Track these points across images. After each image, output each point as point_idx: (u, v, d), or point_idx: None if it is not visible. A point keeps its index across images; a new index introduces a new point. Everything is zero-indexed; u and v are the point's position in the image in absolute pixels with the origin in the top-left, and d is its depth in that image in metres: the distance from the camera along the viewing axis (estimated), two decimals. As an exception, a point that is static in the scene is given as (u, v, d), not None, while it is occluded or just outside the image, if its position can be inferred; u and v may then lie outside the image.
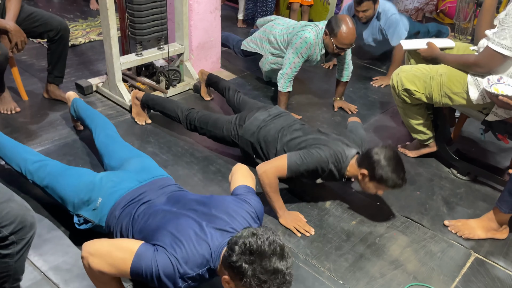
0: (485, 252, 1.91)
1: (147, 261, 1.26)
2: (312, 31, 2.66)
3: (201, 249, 1.29)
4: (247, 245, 1.14)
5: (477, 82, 2.07)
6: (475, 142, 2.76)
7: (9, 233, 1.17)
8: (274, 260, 1.13)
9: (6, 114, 2.55)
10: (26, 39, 2.36)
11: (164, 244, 1.30)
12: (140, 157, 1.87)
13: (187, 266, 1.26)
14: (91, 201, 1.61)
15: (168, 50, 2.84)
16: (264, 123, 2.16)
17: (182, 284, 1.28)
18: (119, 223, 1.53)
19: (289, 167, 1.85)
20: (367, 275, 1.75)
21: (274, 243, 1.15)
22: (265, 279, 1.12)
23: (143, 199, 1.56)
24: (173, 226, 1.35)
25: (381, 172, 1.82)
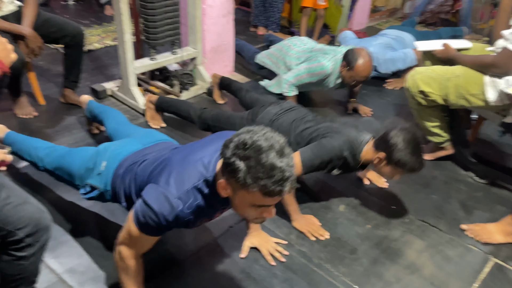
0: (504, 256, 1.86)
1: (139, 208, 1.24)
2: (331, 60, 2.66)
3: (190, 165, 1.24)
4: (241, 140, 1.06)
5: (495, 83, 2.03)
6: (493, 144, 2.70)
7: (25, 235, 1.18)
8: (271, 155, 1.04)
9: (23, 118, 2.59)
10: (42, 44, 2.40)
11: (154, 181, 1.27)
12: (146, 129, 1.87)
13: (176, 185, 1.21)
14: (96, 166, 1.60)
15: (181, 54, 2.86)
16: (276, 116, 2.15)
17: (185, 209, 1.22)
18: (123, 182, 1.51)
19: (303, 163, 1.82)
20: (382, 279, 1.73)
21: (272, 138, 1.07)
22: (261, 175, 1.03)
23: (146, 157, 1.52)
24: (163, 165, 1.33)
25: (399, 156, 1.76)
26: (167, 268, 1.70)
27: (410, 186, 2.28)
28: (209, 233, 1.87)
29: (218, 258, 1.76)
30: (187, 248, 1.79)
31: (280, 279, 1.69)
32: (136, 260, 1.36)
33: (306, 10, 3.99)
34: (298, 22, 4.25)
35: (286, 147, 1.08)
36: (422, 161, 1.80)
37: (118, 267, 1.39)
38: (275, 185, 1.05)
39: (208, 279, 1.67)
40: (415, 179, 2.34)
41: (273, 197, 1.08)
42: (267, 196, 1.07)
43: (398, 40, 3.43)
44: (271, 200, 1.09)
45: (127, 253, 1.34)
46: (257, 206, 1.13)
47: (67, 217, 1.89)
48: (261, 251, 1.78)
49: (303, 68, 2.72)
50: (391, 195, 2.21)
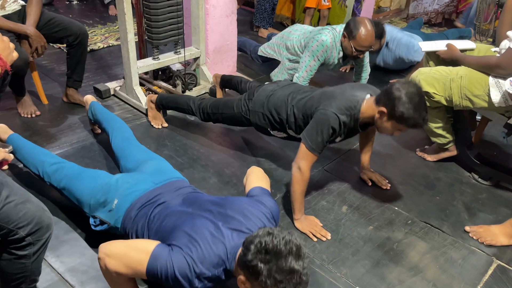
0: (508, 259, 1.85)
1: (163, 261, 1.25)
2: (329, 34, 2.64)
3: (217, 249, 1.28)
4: (263, 244, 1.12)
5: (499, 84, 2.01)
6: (497, 146, 2.69)
7: (26, 234, 1.18)
8: (290, 259, 1.11)
9: (26, 118, 2.60)
10: (46, 44, 2.41)
11: (180, 244, 1.29)
12: (155, 159, 1.88)
13: (202, 266, 1.25)
14: (107, 203, 1.62)
15: (184, 54, 2.86)
16: (272, 92, 2.14)
17: (199, 284, 1.27)
18: (134, 224, 1.54)
19: (310, 148, 1.82)
20: (385, 281, 1.72)
21: (290, 242, 1.13)
22: (281, 279, 1.10)
23: (158, 200, 1.56)
24: (189, 226, 1.35)
25: (402, 110, 1.69)
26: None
27: (413, 188, 2.27)
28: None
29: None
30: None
31: (282, 280, 1.68)
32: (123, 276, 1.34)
33: (310, 11, 3.98)
34: (301, 22, 4.23)
35: (302, 249, 1.15)
36: (426, 117, 1.74)
37: (104, 274, 1.35)
38: (293, 287, 1.12)
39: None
40: (419, 180, 2.33)
41: None
42: None
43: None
44: None
45: (114, 267, 1.29)
46: None
47: (68, 216, 1.89)
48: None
49: (307, 57, 2.71)
50: (394, 197, 2.19)
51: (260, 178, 1.67)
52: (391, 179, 2.30)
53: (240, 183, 2.16)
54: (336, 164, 2.43)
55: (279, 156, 2.44)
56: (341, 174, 2.34)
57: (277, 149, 2.51)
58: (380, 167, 2.39)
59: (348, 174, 2.34)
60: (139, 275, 1.30)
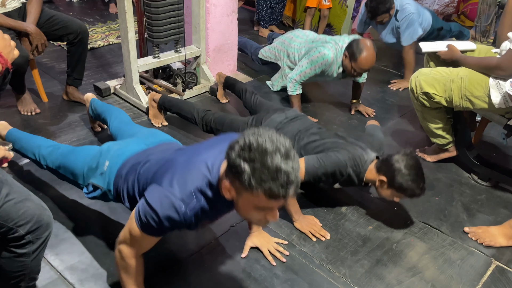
0: (506, 260, 1.85)
1: (142, 208, 1.23)
2: (332, 49, 2.63)
3: (194, 167, 1.23)
4: (247, 142, 1.05)
5: (499, 86, 2.02)
6: (496, 147, 2.69)
7: (26, 232, 1.18)
8: (276, 158, 1.03)
9: (26, 115, 2.60)
10: (46, 42, 2.40)
11: (156, 182, 1.27)
12: (150, 129, 1.87)
13: (179, 186, 1.20)
14: (99, 166, 1.59)
15: (185, 52, 2.86)
16: (280, 125, 2.14)
17: (188, 211, 1.20)
18: (125, 182, 1.50)
19: (307, 170, 1.83)
20: (384, 281, 1.72)
21: (277, 141, 1.05)
22: (266, 177, 1.02)
23: (149, 157, 1.51)
24: (166, 164, 1.32)
25: (400, 181, 1.79)
26: (168, 266, 1.69)
27: (412, 188, 2.27)
28: (210, 233, 1.87)
29: (219, 257, 1.76)
30: (188, 247, 1.79)
31: (281, 279, 1.68)
32: (136, 259, 1.36)
33: (311, 10, 3.98)
34: (302, 21, 4.24)
35: (292, 150, 1.07)
36: (423, 187, 1.84)
37: (118, 266, 1.39)
38: (280, 188, 1.03)
39: (209, 279, 1.66)
40: (418, 181, 2.33)
41: (278, 199, 1.07)
42: (272, 198, 1.06)
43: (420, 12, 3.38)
44: (275, 202, 1.09)
45: (127, 252, 1.34)
46: (261, 209, 1.12)
47: (68, 214, 1.89)
48: (262, 251, 1.78)
49: (305, 63, 2.71)
50: (394, 197, 2.20)
51: None
52: (390, 179, 2.30)
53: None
54: (335, 164, 2.43)
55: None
56: (340, 174, 2.34)
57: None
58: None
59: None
60: (143, 241, 1.30)
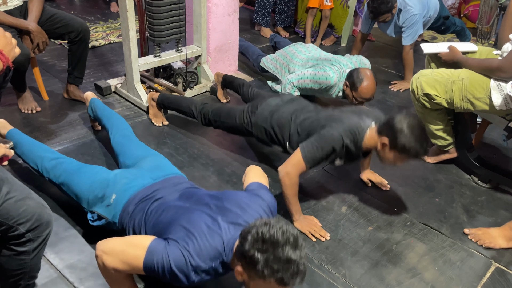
0: (506, 262, 1.85)
1: (159, 256, 1.25)
2: (336, 73, 2.64)
3: (214, 242, 1.28)
4: (259, 234, 1.13)
5: (500, 87, 2.01)
6: (497, 148, 2.69)
7: (26, 230, 1.18)
8: (287, 249, 1.11)
9: (27, 114, 2.60)
10: (47, 40, 2.40)
11: (176, 238, 1.29)
12: (154, 155, 1.88)
13: (199, 259, 1.25)
14: (105, 198, 1.62)
15: (186, 52, 2.86)
16: (276, 107, 2.14)
17: (195, 278, 1.27)
18: (132, 219, 1.53)
19: (305, 159, 1.82)
20: (383, 282, 1.72)
21: (287, 232, 1.14)
22: (278, 268, 1.10)
23: (156, 195, 1.56)
24: (186, 220, 1.35)
25: (403, 141, 1.73)
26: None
27: (413, 189, 2.27)
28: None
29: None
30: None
31: (280, 279, 1.68)
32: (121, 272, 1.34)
33: (312, 11, 3.98)
34: (303, 22, 4.24)
35: (299, 239, 1.16)
36: (426, 147, 1.78)
37: (102, 273, 1.36)
38: (290, 278, 1.12)
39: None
40: (418, 182, 2.33)
41: (288, 286, 1.15)
42: (282, 285, 1.14)
43: None
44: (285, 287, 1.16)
45: (112, 264, 1.29)
46: None
47: (68, 213, 1.89)
48: None
49: (308, 73, 2.71)
50: (394, 198, 2.19)
51: (258, 175, 1.67)
52: (390, 180, 2.30)
53: (240, 182, 2.15)
54: (336, 164, 2.43)
55: (279, 156, 2.43)
56: (341, 174, 2.34)
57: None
58: (380, 169, 2.39)
59: (348, 175, 2.34)
60: (136, 270, 1.30)
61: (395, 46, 3.85)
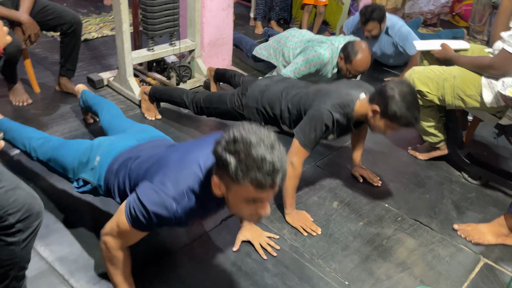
0: (494, 257, 1.87)
1: (132, 204, 1.24)
2: (328, 49, 2.63)
3: (185, 165, 1.25)
4: (232, 136, 1.08)
5: (491, 85, 2.03)
6: (487, 146, 2.71)
7: (16, 220, 1.17)
8: (261, 148, 1.05)
9: (18, 106, 2.57)
10: (39, 31, 2.38)
11: (148, 179, 1.27)
12: (141, 124, 1.87)
13: (171, 184, 1.21)
14: (90, 161, 1.58)
15: (179, 46, 2.85)
16: (266, 87, 2.14)
17: (179, 209, 1.21)
18: (116, 177, 1.49)
19: (303, 144, 1.83)
20: (373, 276, 1.73)
21: (261, 133, 1.08)
22: (251, 167, 1.04)
23: (140, 153, 1.51)
24: (159, 161, 1.33)
25: (394, 108, 1.71)
26: (159, 258, 1.69)
27: (404, 185, 2.29)
28: (202, 226, 1.87)
29: (211, 250, 1.76)
30: (180, 240, 1.79)
31: (271, 273, 1.69)
32: (122, 251, 1.36)
33: (308, 7, 3.98)
34: (298, 18, 4.24)
35: (276, 142, 1.09)
36: (418, 117, 1.76)
37: (104, 257, 1.38)
38: (266, 177, 1.06)
39: (200, 271, 1.67)
40: (409, 178, 2.35)
41: (265, 189, 1.08)
42: (259, 188, 1.08)
43: None
44: (263, 193, 1.10)
45: (114, 244, 1.33)
46: (251, 201, 1.14)
47: (59, 205, 1.88)
48: (253, 245, 1.78)
49: (300, 61, 2.71)
50: (385, 194, 2.21)
51: None
52: (382, 176, 2.32)
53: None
54: (328, 160, 2.44)
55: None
56: (333, 170, 2.35)
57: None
58: (372, 164, 2.41)
59: (340, 170, 2.36)
60: (131, 235, 1.30)
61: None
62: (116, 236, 1.32)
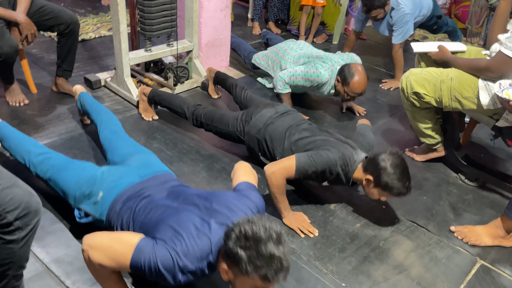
0: (491, 259, 1.88)
1: (146, 255, 1.25)
2: (328, 70, 2.65)
3: (202, 243, 1.28)
4: (242, 231, 1.16)
5: (488, 87, 2.04)
6: (484, 148, 2.72)
7: (14, 218, 1.16)
8: (270, 245, 1.13)
9: (14, 106, 2.56)
10: (36, 32, 2.37)
11: (164, 238, 1.29)
12: (143, 152, 1.87)
13: (186, 259, 1.25)
14: (92, 195, 1.61)
15: (177, 47, 2.84)
16: (271, 120, 2.15)
17: (182, 278, 1.27)
18: (119, 217, 1.53)
19: (297, 168, 1.84)
20: (370, 278, 1.73)
21: (270, 229, 1.16)
22: (261, 264, 1.13)
23: (144, 193, 1.55)
24: (174, 220, 1.35)
25: (386, 180, 1.80)
26: None
27: (401, 187, 2.29)
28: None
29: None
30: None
31: (268, 275, 1.68)
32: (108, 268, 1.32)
33: (307, 8, 3.98)
34: (295, 19, 4.24)
35: (283, 235, 1.18)
36: (409, 186, 1.85)
37: (88, 267, 1.35)
38: (274, 274, 1.15)
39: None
40: (406, 180, 2.35)
41: (272, 282, 1.17)
42: (267, 281, 1.17)
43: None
44: (270, 284, 1.19)
45: (99, 260, 1.28)
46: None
47: (55, 206, 1.88)
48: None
49: (299, 70, 2.71)
50: (382, 195, 2.21)
51: (247, 173, 1.67)
52: (379, 178, 2.32)
53: (230, 178, 2.14)
54: (325, 161, 2.44)
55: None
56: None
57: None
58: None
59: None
60: (122, 268, 1.29)
61: (386, 45, 3.86)
62: (104, 255, 1.27)
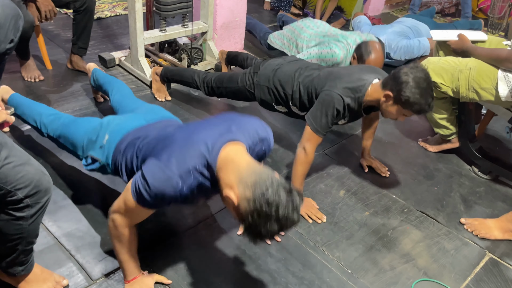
0: (500, 253, 1.86)
1: (136, 179, 1.25)
2: (343, 49, 2.59)
3: (194, 145, 1.25)
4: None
5: (507, 78, 1.99)
6: (499, 141, 2.67)
7: (24, 196, 1.18)
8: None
9: (29, 82, 2.59)
10: (54, 8, 2.37)
11: (155, 157, 1.28)
12: (151, 104, 1.88)
13: (176, 161, 1.22)
14: (98, 139, 1.60)
15: (192, 28, 2.83)
16: (279, 66, 2.13)
17: (184, 186, 1.22)
18: (124, 156, 1.51)
19: (315, 130, 1.82)
20: (377, 266, 1.73)
21: None
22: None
23: (149, 134, 1.51)
24: (166, 140, 1.34)
25: (408, 94, 1.67)
26: (165, 239, 1.71)
27: (412, 177, 2.27)
28: (208, 209, 1.88)
29: (216, 233, 1.77)
30: (185, 222, 1.80)
31: (275, 258, 1.70)
32: (129, 229, 1.37)
33: (322, -8, 3.92)
34: (312, 2, 4.17)
35: None
36: (431, 103, 1.72)
37: (111, 234, 1.40)
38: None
39: (204, 253, 1.68)
40: (418, 170, 2.33)
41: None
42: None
43: (414, 29, 3.36)
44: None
45: (120, 222, 1.35)
46: None
47: (68, 182, 1.90)
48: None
49: (314, 52, 2.68)
50: (393, 184, 2.20)
51: None
52: (391, 166, 2.30)
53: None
54: (337, 148, 2.43)
55: (281, 137, 2.43)
56: (341, 158, 2.34)
57: (279, 130, 2.50)
58: (381, 154, 2.39)
59: (349, 159, 2.34)
60: (138, 212, 1.31)
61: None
62: (123, 214, 1.34)
